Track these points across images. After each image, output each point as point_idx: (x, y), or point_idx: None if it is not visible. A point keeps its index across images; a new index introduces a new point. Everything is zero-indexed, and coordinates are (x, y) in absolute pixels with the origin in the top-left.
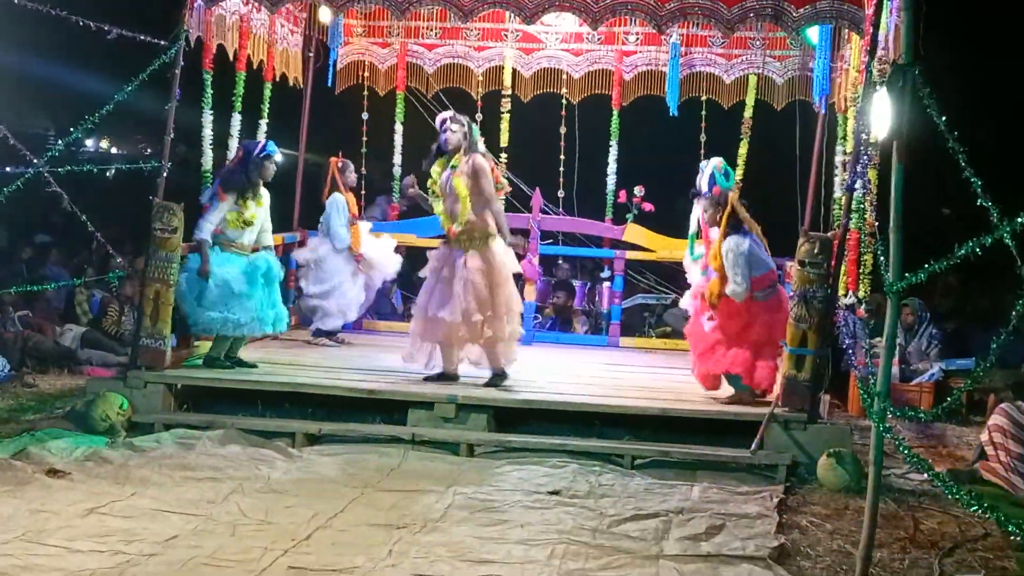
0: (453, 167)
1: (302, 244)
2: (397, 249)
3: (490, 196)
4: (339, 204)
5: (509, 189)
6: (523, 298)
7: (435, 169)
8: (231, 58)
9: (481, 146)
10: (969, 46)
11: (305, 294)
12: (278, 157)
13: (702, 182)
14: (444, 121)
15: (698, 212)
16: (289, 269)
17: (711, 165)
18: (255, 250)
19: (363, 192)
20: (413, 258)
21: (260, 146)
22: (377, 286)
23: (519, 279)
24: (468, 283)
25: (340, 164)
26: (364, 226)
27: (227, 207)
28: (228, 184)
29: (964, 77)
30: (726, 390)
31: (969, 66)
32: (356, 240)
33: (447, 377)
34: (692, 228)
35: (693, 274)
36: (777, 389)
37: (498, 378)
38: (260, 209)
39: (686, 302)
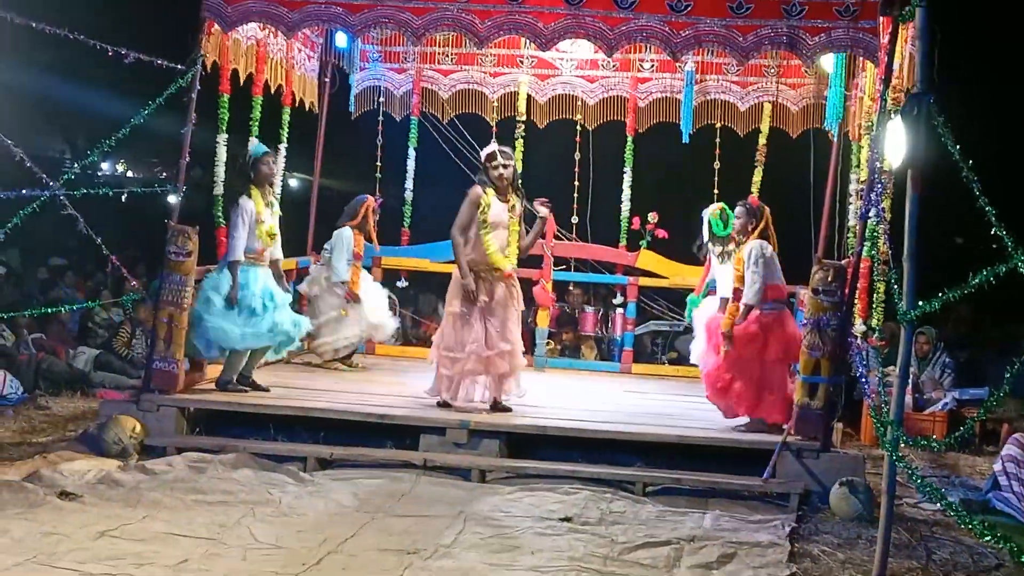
0: (512, 206)
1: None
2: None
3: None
4: (345, 239)
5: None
6: (536, 324)
7: (491, 200)
8: (244, 82)
9: None
10: (985, 69)
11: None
12: (267, 157)
13: (704, 231)
14: (495, 155)
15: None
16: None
17: (707, 213)
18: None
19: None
20: (425, 282)
21: (247, 153)
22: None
23: (531, 304)
24: (515, 314)
25: (375, 208)
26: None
27: (248, 220)
28: (229, 200)
29: (980, 100)
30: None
31: (985, 88)
32: (356, 279)
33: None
34: (699, 288)
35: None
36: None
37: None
38: (272, 218)
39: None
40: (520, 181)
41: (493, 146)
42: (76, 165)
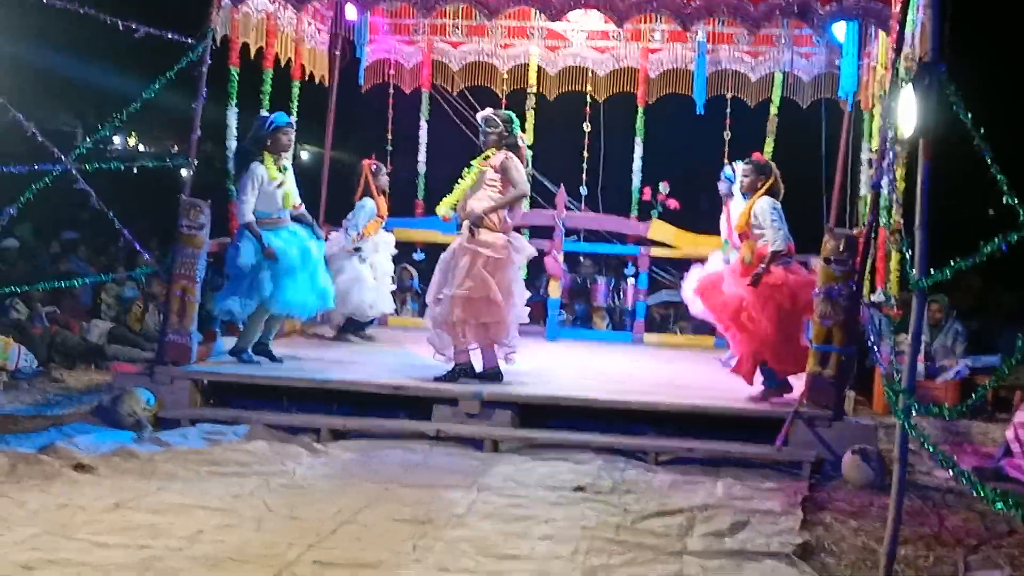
0: (486, 158)
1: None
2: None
3: (515, 198)
4: (368, 210)
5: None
6: (548, 294)
7: (476, 162)
8: (254, 56)
9: (520, 141)
10: (1000, 37)
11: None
12: (289, 128)
13: (735, 189)
14: (482, 122)
15: (724, 218)
16: None
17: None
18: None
19: (390, 191)
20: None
21: (269, 120)
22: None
23: (537, 274)
24: (459, 267)
25: (373, 167)
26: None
27: (257, 185)
28: (236, 161)
29: (994, 68)
30: (754, 386)
31: (1000, 56)
32: (371, 229)
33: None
34: (724, 234)
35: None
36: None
37: (489, 375)
38: (287, 181)
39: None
40: (508, 140)
41: (483, 113)
42: (88, 139)
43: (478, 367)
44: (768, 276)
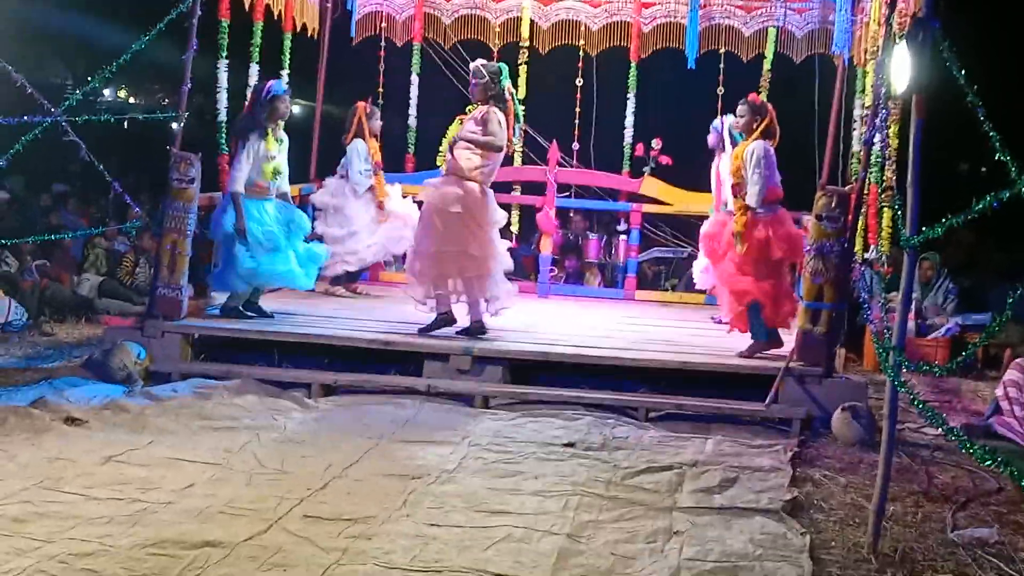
0: (470, 112)
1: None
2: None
3: (487, 145)
4: (360, 150)
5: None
6: (539, 250)
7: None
8: (248, 8)
9: (508, 94)
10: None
11: (324, 239)
12: (286, 96)
13: (725, 141)
14: (470, 74)
15: (715, 170)
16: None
17: (728, 125)
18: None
19: (381, 144)
20: None
21: (266, 88)
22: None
23: (529, 230)
24: (433, 223)
25: (368, 109)
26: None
27: (253, 154)
28: (238, 131)
29: (988, 29)
30: (745, 341)
31: (994, 17)
32: (380, 188)
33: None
34: (714, 189)
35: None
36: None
37: (473, 330)
38: (280, 154)
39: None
40: (494, 92)
41: (473, 64)
42: (78, 92)
43: (463, 321)
44: (750, 229)
